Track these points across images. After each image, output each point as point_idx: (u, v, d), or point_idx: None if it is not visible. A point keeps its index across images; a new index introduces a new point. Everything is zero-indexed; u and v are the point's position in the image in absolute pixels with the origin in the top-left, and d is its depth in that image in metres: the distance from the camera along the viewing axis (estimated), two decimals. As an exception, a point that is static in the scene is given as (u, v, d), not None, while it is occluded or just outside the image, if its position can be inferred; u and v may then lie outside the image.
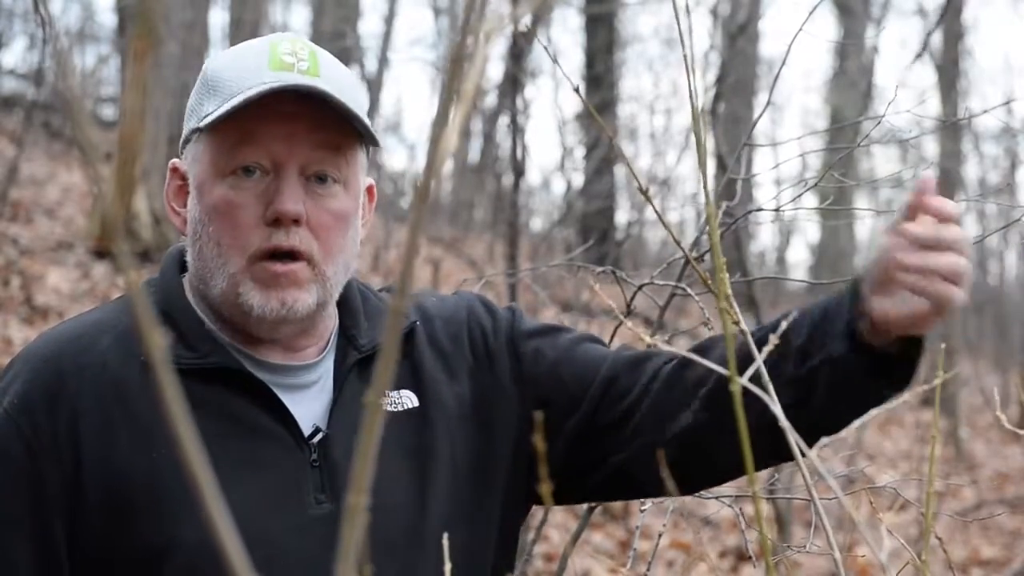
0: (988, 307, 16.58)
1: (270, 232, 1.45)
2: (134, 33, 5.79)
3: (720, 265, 0.81)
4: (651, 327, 2.33)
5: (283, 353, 1.54)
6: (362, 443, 0.46)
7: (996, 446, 11.99)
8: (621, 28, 15.74)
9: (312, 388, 1.54)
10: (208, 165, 1.47)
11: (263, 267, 1.45)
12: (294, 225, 1.45)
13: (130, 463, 1.42)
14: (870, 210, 2.38)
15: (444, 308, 1.67)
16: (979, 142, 16.85)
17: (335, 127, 1.47)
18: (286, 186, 1.44)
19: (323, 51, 1.52)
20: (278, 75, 1.45)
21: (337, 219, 1.48)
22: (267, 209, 1.45)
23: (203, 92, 1.50)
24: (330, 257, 1.48)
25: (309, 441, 1.49)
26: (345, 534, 0.48)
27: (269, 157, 1.45)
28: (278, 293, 1.45)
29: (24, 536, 1.42)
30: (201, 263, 1.49)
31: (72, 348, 1.48)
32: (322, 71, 1.48)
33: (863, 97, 13.32)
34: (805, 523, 7.43)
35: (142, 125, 8.84)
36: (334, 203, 1.48)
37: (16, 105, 12.91)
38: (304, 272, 1.46)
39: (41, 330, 8.38)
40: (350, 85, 1.50)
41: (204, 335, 1.49)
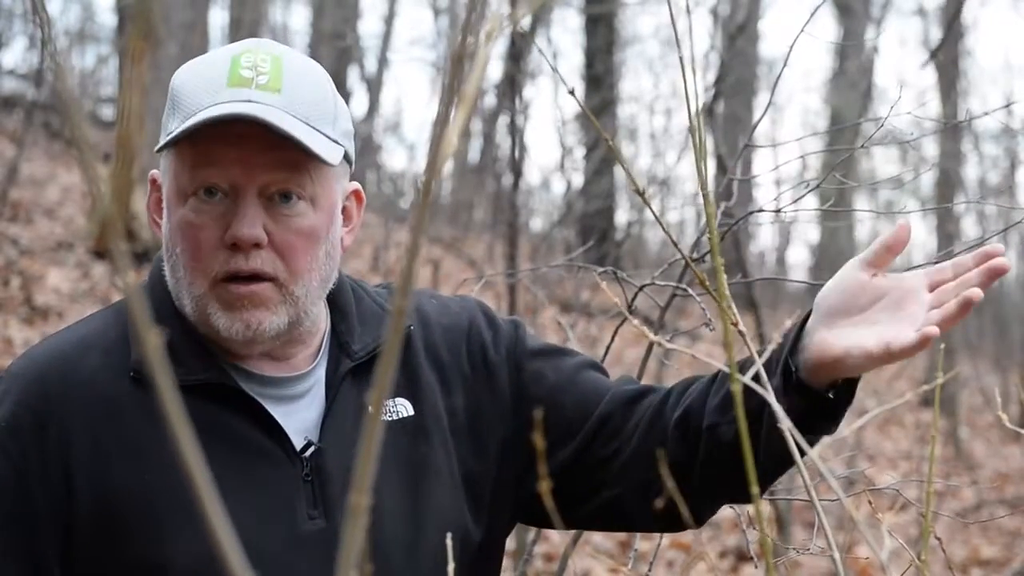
0: (988, 307, 16.58)
1: (230, 255, 1.42)
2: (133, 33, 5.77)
3: (720, 267, 0.81)
4: (652, 327, 2.33)
5: (273, 363, 1.51)
6: (363, 444, 0.46)
7: (996, 446, 11.99)
8: (621, 28, 15.75)
9: (304, 398, 1.51)
10: (173, 184, 1.46)
11: (226, 289, 1.43)
12: (254, 248, 1.42)
13: (122, 482, 1.41)
14: (871, 211, 2.37)
15: (445, 314, 1.64)
16: (979, 142, 16.85)
17: (295, 145, 1.41)
18: (243, 210, 1.41)
19: (291, 57, 1.48)
20: (234, 92, 1.41)
21: (304, 237, 1.44)
22: (226, 232, 1.42)
23: (169, 107, 1.47)
24: (297, 276, 1.44)
25: (301, 455, 1.47)
26: (347, 535, 0.48)
27: (227, 180, 1.42)
28: (242, 315, 1.43)
29: (12, 558, 1.40)
30: (174, 281, 1.48)
31: (58, 368, 1.45)
32: (284, 83, 1.43)
33: (863, 97, 13.32)
34: (805, 523, 7.43)
35: (141, 126, 8.84)
36: (300, 221, 1.44)
37: (16, 105, 12.90)
38: (269, 292, 1.43)
39: (42, 330, 8.38)
40: (314, 97, 1.45)
41: (194, 347, 1.47)
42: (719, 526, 6.96)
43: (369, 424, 0.47)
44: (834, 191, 2.28)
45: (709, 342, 10.35)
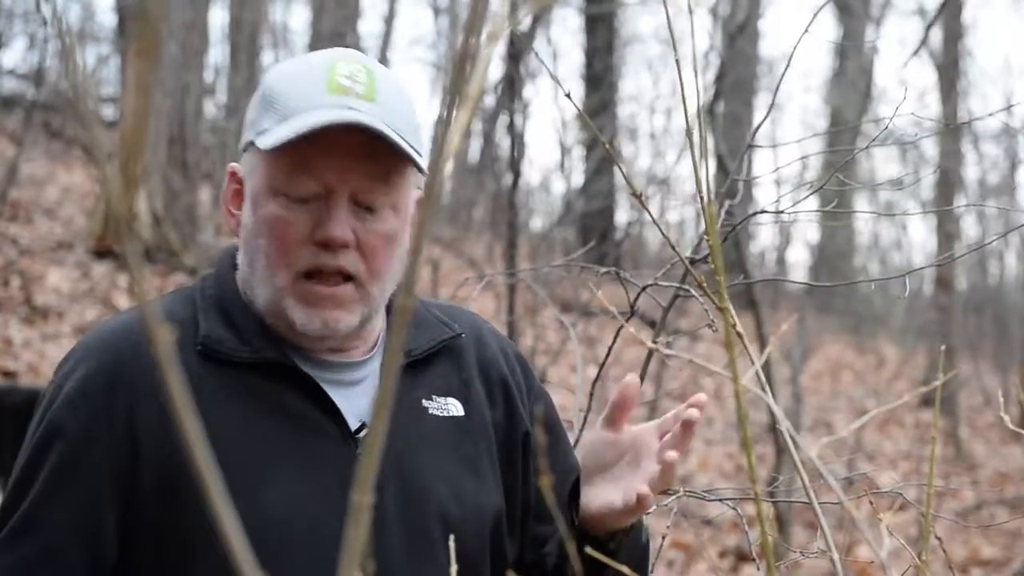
0: (988, 307, 16.59)
1: (317, 252, 1.49)
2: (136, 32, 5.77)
3: (720, 268, 0.81)
4: (652, 328, 2.33)
5: (331, 351, 1.58)
6: (367, 441, 0.46)
7: (996, 446, 12.00)
8: (621, 28, 15.75)
9: (359, 386, 1.58)
10: (263, 181, 1.51)
11: (308, 287, 1.50)
12: (342, 248, 1.49)
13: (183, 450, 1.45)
14: (871, 212, 2.37)
15: (498, 342, 1.74)
16: (979, 143, 16.85)
17: (387, 156, 1.49)
18: (336, 212, 1.48)
19: (380, 69, 1.55)
20: (334, 99, 1.48)
21: (386, 241, 1.52)
22: (316, 231, 1.49)
23: (261, 105, 1.53)
24: (376, 278, 1.52)
25: (355, 436, 1.53)
26: (350, 532, 0.48)
27: (322, 184, 1.48)
28: (320, 312, 1.50)
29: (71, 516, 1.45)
30: (250, 271, 1.54)
31: (131, 338, 1.51)
32: (378, 94, 1.50)
33: (863, 97, 13.33)
34: (805, 523, 7.43)
35: (145, 124, 8.80)
36: (383, 226, 1.51)
37: (16, 105, 12.91)
38: (349, 293, 1.51)
39: (42, 330, 8.38)
40: (405, 109, 1.52)
41: (258, 331, 1.54)
42: (720, 526, 6.96)
43: (373, 425, 0.47)
44: (834, 191, 2.28)
45: (709, 342, 10.36)
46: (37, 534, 1.46)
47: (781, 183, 11.09)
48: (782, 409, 0.88)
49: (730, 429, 9.92)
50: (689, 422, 1.47)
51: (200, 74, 12.54)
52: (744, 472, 8.23)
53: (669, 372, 8.82)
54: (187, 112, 11.08)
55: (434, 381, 1.63)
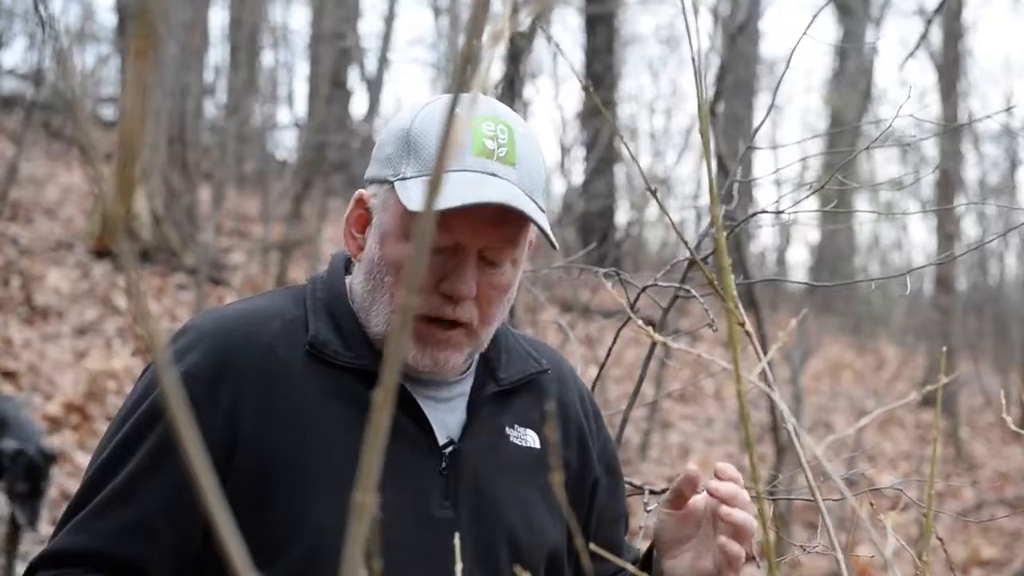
0: (988, 307, 16.58)
1: (440, 302, 1.55)
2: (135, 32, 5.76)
3: (726, 267, 0.81)
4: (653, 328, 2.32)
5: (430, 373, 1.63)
6: (368, 439, 0.47)
7: (996, 446, 12.00)
8: (621, 28, 15.76)
9: (449, 403, 1.64)
10: (395, 222, 1.56)
11: (426, 328, 1.55)
12: (463, 301, 1.55)
13: (281, 443, 1.50)
14: (871, 212, 2.37)
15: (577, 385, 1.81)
16: (979, 143, 16.84)
17: (519, 221, 1.56)
18: (464, 269, 1.54)
19: (520, 127, 1.60)
20: (478, 162, 1.53)
21: (502, 292, 1.59)
22: (441, 281, 1.54)
23: (403, 147, 1.58)
24: (487, 324, 1.60)
25: (442, 450, 1.59)
26: (352, 530, 0.48)
27: (454, 240, 1.54)
28: (433, 352, 1.56)
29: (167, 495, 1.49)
30: (370, 299, 1.59)
31: (243, 328, 1.57)
32: (519, 157, 1.56)
33: (863, 98, 13.33)
34: (805, 523, 7.44)
35: (142, 125, 8.83)
36: (502, 279, 1.58)
37: (16, 105, 12.92)
38: (461, 338, 1.57)
39: (42, 330, 8.36)
40: (539, 171, 1.59)
41: (361, 339, 1.59)
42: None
43: (374, 425, 0.47)
44: (835, 192, 2.28)
45: (709, 342, 10.36)
46: (134, 506, 1.49)
47: (781, 184, 11.10)
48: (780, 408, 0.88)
49: (731, 429, 9.93)
50: None
51: (200, 74, 12.55)
52: (744, 472, 8.22)
53: (670, 372, 8.82)
54: (187, 112, 11.08)
55: (517, 412, 1.69)
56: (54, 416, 6.92)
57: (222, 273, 10.12)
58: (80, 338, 8.17)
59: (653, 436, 9.33)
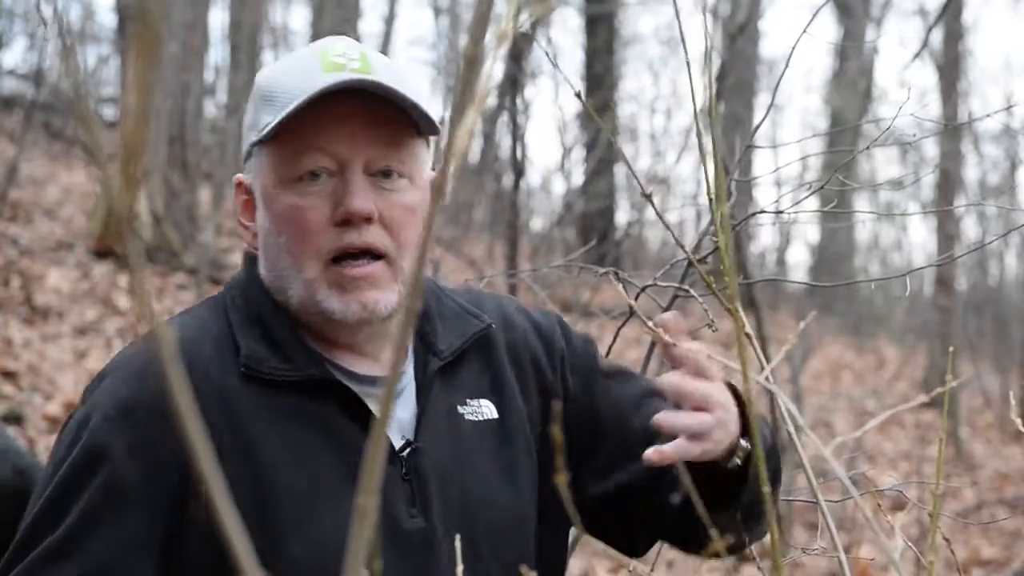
0: (988, 307, 16.57)
1: (341, 232, 1.44)
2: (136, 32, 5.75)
3: (729, 268, 0.81)
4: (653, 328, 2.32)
5: (367, 362, 1.53)
6: (372, 443, 0.46)
7: (996, 446, 11.99)
8: (621, 28, 15.75)
9: (399, 398, 1.53)
10: (272, 175, 1.48)
11: (339, 271, 1.45)
12: (365, 223, 1.44)
13: (233, 472, 1.40)
14: (871, 212, 2.37)
15: (528, 320, 1.67)
16: (979, 143, 16.84)
17: (394, 121, 1.47)
18: (354, 184, 1.44)
19: (374, 51, 1.53)
20: (331, 76, 1.45)
21: (408, 212, 1.47)
22: (336, 210, 1.44)
23: (259, 104, 1.50)
24: (406, 251, 1.47)
25: (400, 454, 1.49)
26: (355, 532, 0.48)
27: (333, 158, 1.45)
28: (356, 296, 1.45)
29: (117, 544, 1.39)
30: (276, 273, 1.49)
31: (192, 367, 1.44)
32: (374, 68, 1.48)
33: (863, 98, 13.32)
34: (805, 524, 7.43)
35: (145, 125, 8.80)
36: (403, 197, 1.47)
37: (16, 105, 12.91)
38: (381, 271, 1.46)
39: (42, 330, 8.34)
40: (405, 77, 1.49)
41: (297, 344, 1.48)
42: (719, 526, 6.95)
43: (376, 429, 0.47)
44: (835, 192, 2.28)
45: (709, 342, 10.33)
46: (80, 561, 1.38)
47: (781, 184, 11.10)
48: (784, 409, 0.88)
49: (730, 429, 9.89)
50: None
51: (200, 74, 12.54)
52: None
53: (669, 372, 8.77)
54: (187, 112, 11.08)
55: (466, 382, 1.57)
56: (54, 416, 6.92)
57: (222, 273, 10.11)
58: (80, 338, 8.17)
59: (653, 436, 9.30)
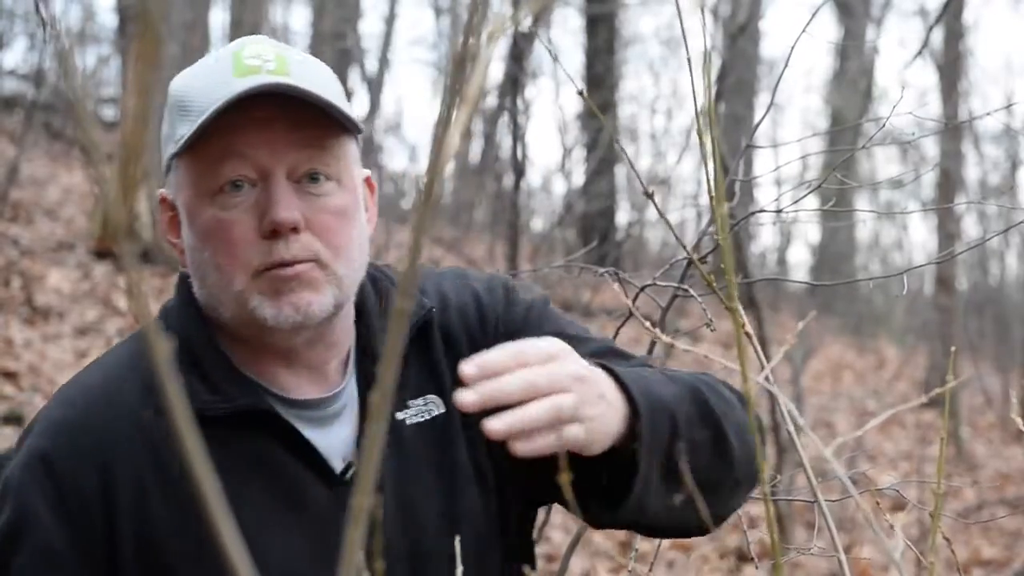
0: (989, 307, 16.57)
1: (269, 246, 1.37)
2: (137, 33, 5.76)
3: (729, 267, 0.81)
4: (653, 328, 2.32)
5: (308, 379, 1.47)
6: (365, 447, 0.46)
7: (996, 446, 11.99)
8: (621, 28, 15.75)
9: (342, 416, 1.48)
10: (193, 189, 1.41)
11: (269, 276, 1.38)
12: (292, 234, 1.37)
13: (163, 517, 1.36)
14: (872, 211, 2.37)
15: (462, 293, 1.58)
16: (979, 143, 16.84)
17: (315, 123, 1.40)
18: (277, 193, 1.37)
19: (290, 48, 1.45)
20: (245, 80, 1.37)
21: (337, 216, 1.41)
22: (262, 221, 1.37)
23: (174, 115, 1.43)
24: (339, 256, 1.40)
25: (343, 477, 1.43)
26: (349, 535, 0.48)
27: (254, 167, 1.38)
28: (290, 298, 1.38)
29: None
30: (206, 290, 1.42)
31: (98, 400, 1.41)
32: (291, 68, 1.40)
33: (863, 97, 13.32)
34: (805, 524, 7.43)
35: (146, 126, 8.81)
36: (330, 201, 1.41)
37: (17, 106, 12.91)
38: (313, 272, 1.39)
39: (43, 330, 8.36)
40: (322, 77, 1.43)
41: (228, 373, 1.43)
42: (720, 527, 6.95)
43: (370, 428, 0.47)
44: (835, 191, 2.28)
45: (709, 342, 10.35)
46: None
47: (781, 183, 11.10)
48: (784, 409, 0.88)
49: (731, 429, 9.90)
50: None
51: (201, 74, 12.52)
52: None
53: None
54: (188, 112, 11.05)
55: (408, 381, 1.49)
56: (55, 416, 6.91)
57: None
58: (81, 338, 8.17)
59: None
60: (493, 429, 1.17)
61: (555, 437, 1.18)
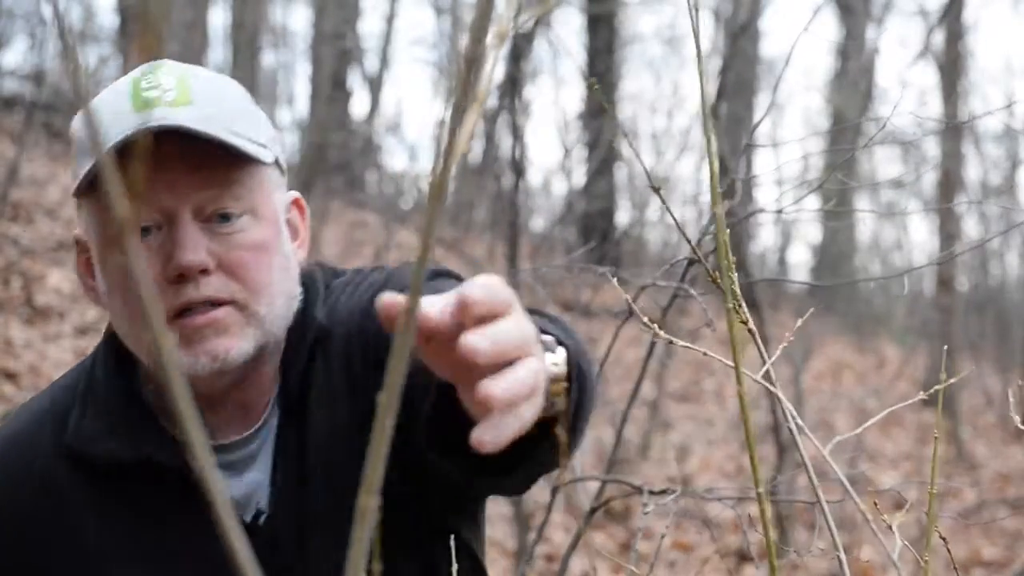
0: (989, 307, 16.57)
1: (178, 289, 1.30)
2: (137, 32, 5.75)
3: (728, 265, 0.82)
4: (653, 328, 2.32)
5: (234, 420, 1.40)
6: (374, 441, 0.46)
7: (997, 447, 12.00)
8: (622, 28, 15.76)
9: (259, 457, 1.40)
10: (98, 234, 1.37)
11: (181, 325, 1.29)
12: (202, 275, 1.30)
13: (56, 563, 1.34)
14: (872, 212, 2.37)
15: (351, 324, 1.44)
16: (980, 143, 16.84)
17: (220, 159, 1.31)
18: (182, 236, 1.29)
19: (196, 71, 1.37)
20: (142, 115, 1.29)
21: (253, 251, 1.33)
22: (167, 267, 1.29)
23: (77, 151, 1.37)
24: (256, 293, 1.32)
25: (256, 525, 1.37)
26: (355, 535, 0.48)
27: (157, 210, 1.30)
28: (204, 346, 1.30)
29: None
30: (123, 338, 1.37)
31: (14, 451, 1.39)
32: (194, 95, 1.32)
33: (864, 97, 13.33)
34: (805, 525, 7.43)
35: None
36: (244, 237, 1.32)
37: (17, 105, 12.91)
38: (230, 317, 1.31)
39: (43, 330, 8.37)
40: (229, 101, 1.35)
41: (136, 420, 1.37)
42: (720, 527, 6.96)
43: (378, 425, 0.47)
44: (836, 191, 2.28)
45: (710, 342, 10.34)
46: None
47: (782, 183, 11.10)
48: (784, 410, 0.89)
49: (731, 429, 9.93)
50: None
51: (201, 74, 12.52)
52: (745, 472, 8.23)
53: (670, 372, 8.81)
54: (188, 112, 11.05)
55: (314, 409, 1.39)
56: (55, 416, 6.92)
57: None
58: (81, 338, 8.17)
59: (653, 436, 9.33)
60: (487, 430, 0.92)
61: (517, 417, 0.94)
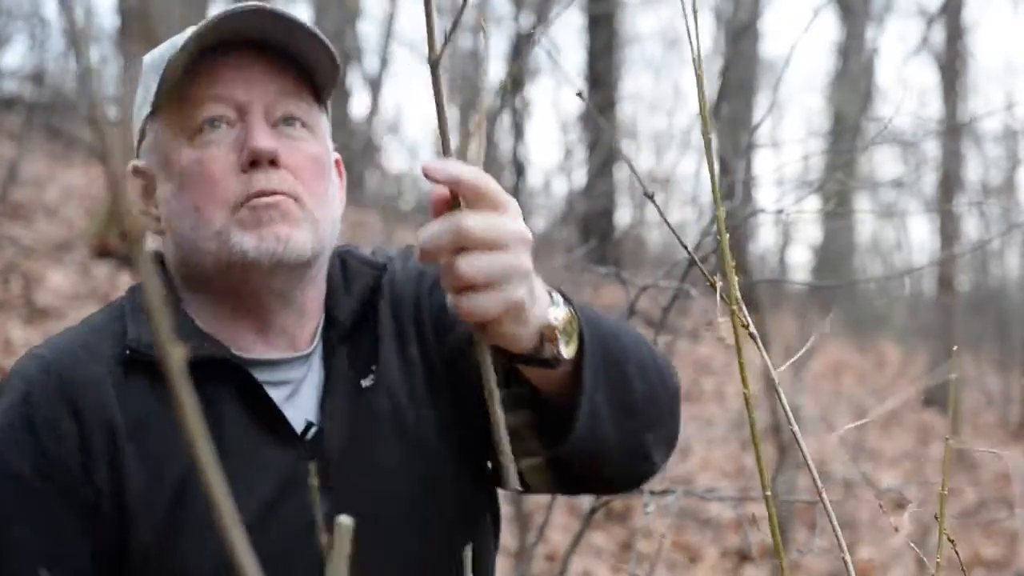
0: (989, 307, 16.57)
1: (249, 177, 1.37)
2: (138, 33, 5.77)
3: (730, 267, 0.81)
4: (654, 328, 2.32)
5: (278, 344, 1.46)
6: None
7: (997, 447, 11.99)
8: (621, 28, 15.75)
9: (305, 380, 1.46)
10: (169, 134, 1.41)
11: (249, 207, 1.37)
12: (271, 167, 1.38)
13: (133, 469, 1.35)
14: (872, 212, 2.37)
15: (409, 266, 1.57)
16: (980, 143, 16.83)
17: (291, 73, 1.41)
18: (255, 126, 1.38)
19: None
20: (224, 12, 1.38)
21: (313, 162, 1.42)
22: (241, 154, 1.38)
23: (148, 78, 1.44)
24: (315, 199, 1.41)
25: (303, 438, 1.42)
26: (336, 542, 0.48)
27: (232, 105, 1.39)
28: (271, 228, 1.37)
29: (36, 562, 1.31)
30: (183, 241, 1.42)
31: (72, 359, 1.39)
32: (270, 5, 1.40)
33: (864, 97, 13.33)
34: (805, 524, 7.43)
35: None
36: (306, 146, 1.41)
37: (17, 105, 12.91)
38: (292, 206, 1.38)
39: (43, 330, 8.37)
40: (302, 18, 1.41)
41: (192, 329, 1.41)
42: (720, 526, 6.96)
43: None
44: (835, 191, 2.28)
45: (710, 341, 10.35)
46: None
47: (782, 183, 11.11)
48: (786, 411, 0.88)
49: (732, 429, 9.92)
50: None
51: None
52: (745, 473, 8.23)
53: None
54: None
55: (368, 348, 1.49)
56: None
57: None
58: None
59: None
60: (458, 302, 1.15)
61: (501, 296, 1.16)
